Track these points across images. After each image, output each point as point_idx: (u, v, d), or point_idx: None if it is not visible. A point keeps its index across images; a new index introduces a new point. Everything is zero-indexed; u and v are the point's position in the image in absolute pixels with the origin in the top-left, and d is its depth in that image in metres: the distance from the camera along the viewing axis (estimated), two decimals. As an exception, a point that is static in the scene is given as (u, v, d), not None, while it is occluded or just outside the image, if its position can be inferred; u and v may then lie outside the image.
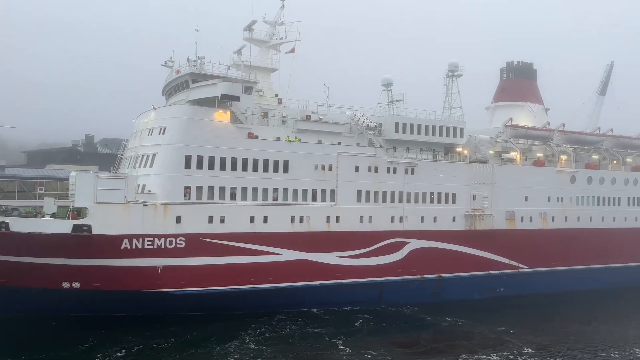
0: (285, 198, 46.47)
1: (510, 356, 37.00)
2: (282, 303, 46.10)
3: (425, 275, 52.42)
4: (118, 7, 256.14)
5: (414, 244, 52.16)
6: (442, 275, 53.24)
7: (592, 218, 62.70)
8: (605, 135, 67.67)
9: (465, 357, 36.78)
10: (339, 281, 48.07)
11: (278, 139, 48.11)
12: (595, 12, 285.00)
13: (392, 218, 51.28)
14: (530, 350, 38.27)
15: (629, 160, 70.75)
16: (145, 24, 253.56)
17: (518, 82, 71.34)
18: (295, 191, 46.86)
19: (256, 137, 46.72)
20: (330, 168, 48.50)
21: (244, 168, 44.80)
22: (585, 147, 67.94)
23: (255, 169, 45.21)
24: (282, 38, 55.35)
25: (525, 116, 68.91)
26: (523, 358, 36.70)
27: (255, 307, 44.97)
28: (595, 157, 67.73)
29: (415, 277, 51.97)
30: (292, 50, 55.37)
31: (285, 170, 46.50)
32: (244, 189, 44.69)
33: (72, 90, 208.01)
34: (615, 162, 66.89)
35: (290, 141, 47.57)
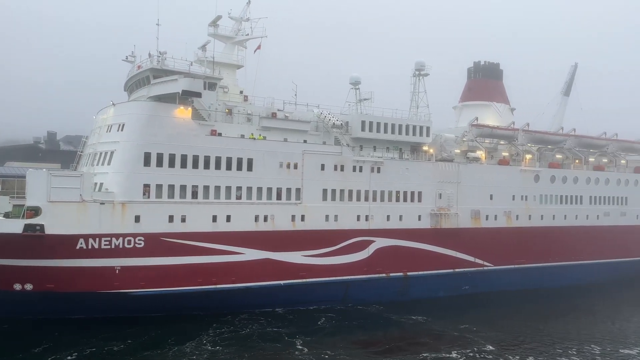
0: (249, 197, 45.79)
1: (471, 354, 37.18)
2: (245, 303, 45.46)
3: (391, 274, 52.45)
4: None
5: (380, 243, 52.13)
6: (408, 273, 53.38)
7: (555, 216, 63.81)
8: (568, 135, 69.01)
9: (426, 355, 36.81)
10: (304, 280, 47.65)
11: (242, 136, 47.41)
12: (560, 16, 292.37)
13: (358, 217, 51.11)
14: (491, 347, 38.55)
15: (591, 159, 72.21)
16: (116, 18, 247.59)
17: (485, 82, 72.14)
18: (259, 190, 46.22)
19: (219, 134, 45.87)
20: (295, 166, 48.00)
21: (206, 166, 43.92)
22: (550, 146, 69.08)
23: (217, 166, 44.38)
24: (248, 34, 54.66)
25: (491, 116, 69.75)
26: (482, 355, 36.90)
27: (218, 307, 44.21)
28: (558, 156, 68.95)
29: (381, 275, 51.97)
30: (259, 47, 54.64)
31: (249, 168, 45.80)
32: (206, 188, 43.82)
33: (34, 85, 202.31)
34: (577, 161, 68.23)
35: (255, 139, 46.89)
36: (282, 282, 46.57)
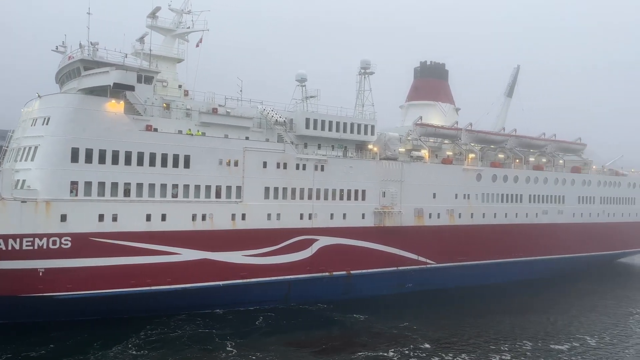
0: (186, 195, 44.24)
1: (407, 352, 37.25)
2: (183, 305, 43.97)
3: (334, 273, 52.13)
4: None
5: (323, 241, 51.68)
6: (352, 272, 53.22)
7: (497, 214, 65.34)
8: (509, 135, 70.82)
9: (362, 354, 36.59)
10: (244, 281, 46.57)
11: (180, 132, 45.81)
12: (503, 18, 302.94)
13: (301, 215, 50.46)
14: (427, 345, 38.76)
15: (531, 159, 74.61)
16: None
17: (430, 82, 73.09)
18: (197, 187, 44.75)
19: (155, 129, 44.11)
20: (236, 163, 46.80)
21: (140, 162, 42.07)
22: (492, 146, 70.75)
23: (152, 163, 42.59)
24: (189, 27, 52.99)
25: (436, 115, 70.76)
26: (416, 353, 37.04)
27: (153, 310, 42.54)
28: (500, 156, 70.78)
29: (324, 274, 51.54)
30: (200, 41, 53.03)
31: (186, 165, 44.25)
32: (140, 185, 41.98)
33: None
34: (517, 161, 70.18)
35: (192, 134, 45.36)
36: (221, 282, 45.31)
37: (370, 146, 57.62)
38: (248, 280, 46.75)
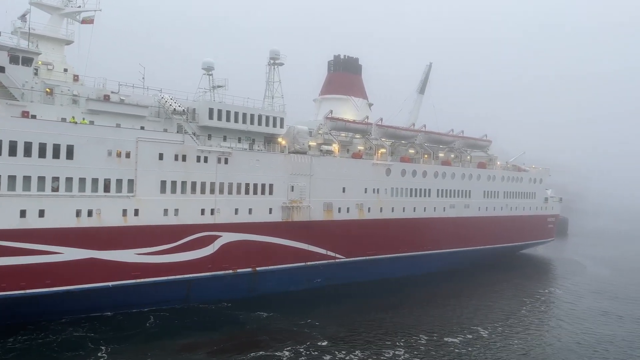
0: (69, 188, 40.36)
1: (302, 349, 36.25)
2: (65, 309, 40.24)
3: (239, 270, 50.18)
4: None
5: (227, 237, 49.55)
6: (258, 268, 51.52)
7: (405, 208, 66.25)
8: (418, 130, 72.14)
9: (256, 354, 35.15)
10: (137, 281, 43.46)
11: (64, 120, 41.78)
12: (414, 19, 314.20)
13: (203, 210, 47.98)
14: (324, 343, 37.98)
15: (441, 155, 76.58)
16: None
17: (344, 76, 72.81)
18: (82, 180, 40.98)
19: (34, 116, 39.86)
20: (127, 155, 43.44)
21: (12, 152, 37.71)
22: (403, 141, 71.73)
23: (27, 153, 38.35)
24: (80, 7, 48.65)
25: (349, 110, 70.56)
26: (310, 351, 36.12)
27: (29, 315, 38.47)
28: (411, 151, 71.92)
29: (227, 272, 49.46)
30: (91, 21, 48.83)
31: (69, 156, 40.34)
32: (12, 178, 37.67)
33: None
34: (426, 156, 71.66)
35: (76, 122, 41.47)
36: (110, 283, 41.94)
37: (279, 139, 56.13)
38: (142, 280, 43.69)
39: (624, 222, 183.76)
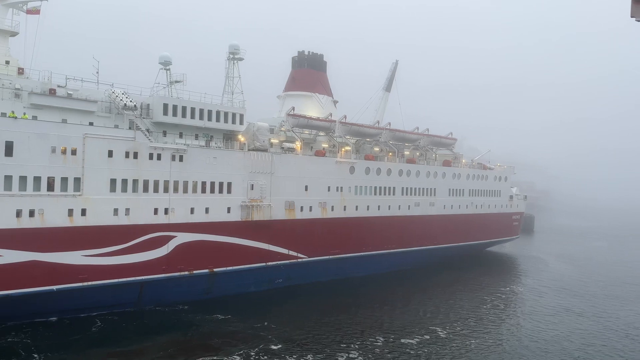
0: (8, 187, 38.04)
1: (253, 353, 34.97)
2: (4, 315, 37.94)
3: (195, 271, 48.53)
4: None
5: (182, 238, 47.83)
6: (215, 269, 49.95)
7: (370, 207, 65.50)
8: (383, 128, 71.51)
9: (205, 359, 33.63)
10: (85, 284, 41.42)
11: (4, 114, 39.43)
12: (382, 17, 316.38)
13: (156, 210, 46.13)
14: (278, 346, 36.76)
15: (406, 153, 76.22)
16: None
17: (308, 73, 71.66)
18: (22, 179, 38.71)
19: (-31, 111, 37.43)
20: (74, 152, 41.29)
21: (-57, 149, 35.33)
22: (368, 139, 71.02)
23: (-40, 150, 36.01)
24: (25, -4, 46.11)
25: (313, 107, 69.48)
26: (260, 355, 34.82)
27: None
28: (376, 149, 71.27)
29: (183, 273, 47.75)
30: (37, 12, 46.37)
31: (8, 152, 38.03)
32: (-58, 176, 35.28)
33: None
34: (391, 154, 71.11)
35: (16, 117, 39.18)
36: (55, 287, 39.82)
37: (239, 136, 54.63)
38: (89, 283, 41.67)
39: (587, 220, 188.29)
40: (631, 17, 6.75)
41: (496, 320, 46.50)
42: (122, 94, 46.41)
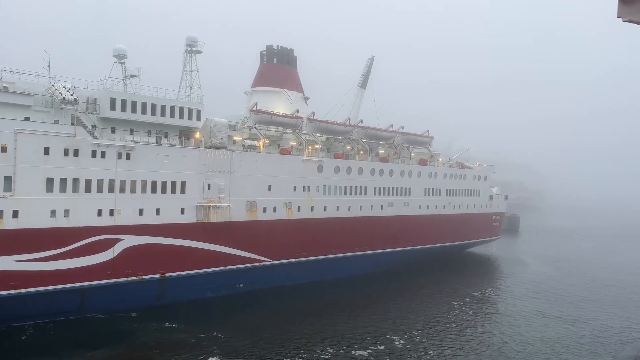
0: None
1: (188, 368, 32.20)
2: None
3: (145, 276, 45.63)
4: None
5: (130, 241, 44.91)
6: (167, 274, 47.08)
7: (339, 207, 62.76)
8: (354, 126, 68.73)
9: (132, 375, 30.88)
10: (16, 291, 38.45)
11: None
12: (356, 12, 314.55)
13: (100, 211, 43.18)
14: (213, 358, 33.92)
15: (381, 151, 73.54)
16: None
17: (277, 68, 68.82)
18: (-57, 178, 35.76)
19: None
20: (4, 149, 38.32)
21: None
22: (340, 137, 68.27)
23: None
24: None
25: (282, 103, 66.66)
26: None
27: None
28: (348, 147, 68.56)
29: (131, 279, 44.84)
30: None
31: None
32: None
33: None
34: (362, 152, 68.39)
35: None
36: (-20, 295, 36.84)
37: (197, 133, 51.77)
38: (22, 290, 38.69)
39: (575, 220, 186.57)
40: (618, 17, 6.86)
41: (460, 328, 43.66)
42: (64, 87, 43.40)
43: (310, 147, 61.28)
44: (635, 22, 6.89)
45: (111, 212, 43.80)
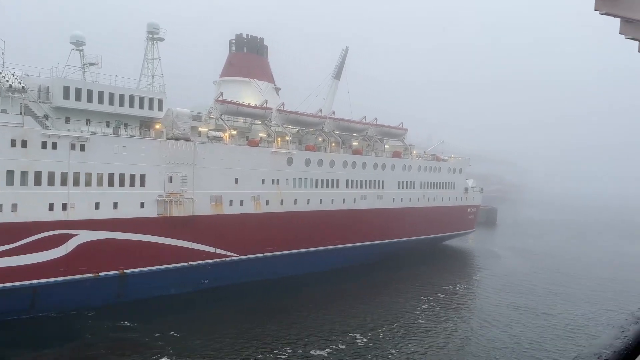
0: None
1: (134, 370, 30.58)
2: None
3: (102, 273, 43.74)
4: None
5: (85, 236, 42.95)
6: (126, 271, 45.25)
7: (310, 200, 61.33)
8: (325, 117, 67.09)
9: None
10: (-43, 290, 36.34)
11: None
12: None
13: (52, 205, 41.09)
14: (163, 358, 32.37)
15: (355, 143, 72.22)
16: None
17: (247, 57, 66.82)
18: None
19: None
20: (-59, 140, 36.08)
21: None
22: (311, 129, 66.73)
23: None
24: None
25: (251, 93, 64.75)
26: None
27: None
28: (320, 139, 67.09)
29: (86, 275, 42.93)
30: None
31: None
32: None
33: None
34: (334, 144, 66.97)
35: None
36: None
37: (157, 124, 49.78)
38: (-37, 289, 36.58)
39: (554, 213, 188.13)
40: (595, 10, 6.44)
41: (426, 324, 42.57)
42: (12, 74, 41.05)
43: (279, 139, 59.60)
44: (612, 14, 6.49)
45: (64, 207, 41.75)
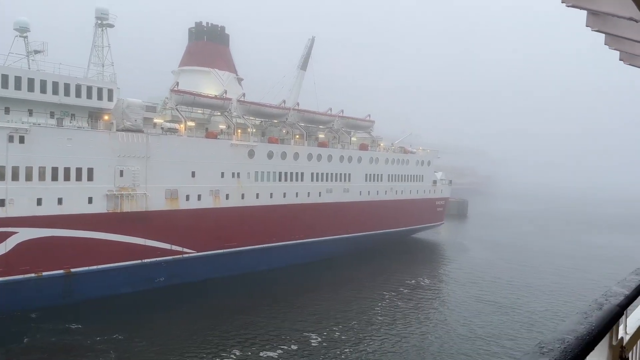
0: None
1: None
2: None
3: (45, 273, 41.30)
4: None
5: (26, 234, 40.43)
6: (73, 270, 42.88)
7: (273, 194, 59.59)
8: (288, 108, 65.26)
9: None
10: None
11: None
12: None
13: (-13, 202, 38.49)
14: (103, 363, 30.53)
15: (321, 136, 70.64)
16: None
17: (207, 46, 64.43)
18: None
19: None
20: None
21: None
22: (275, 121, 64.88)
23: None
24: None
25: (211, 84, 62.49)
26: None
27: None
28: (284, 131, 65.30)
29: (28, 275, 40.45)
30: None
31: None
32: None
33: None
34: (297, 136, 65.28)
35: None
36: None
37: (106, 115, 47.27)
38: None
39: (523, 204, 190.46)
40: (562, 2, 6.21)
41: (386, 321, 41.19)
42: (-59, 61, 38.12)
43: (239, 131, 57.58)
44: (578, 7, 6.56)
45: (2, 203, 39.15)
